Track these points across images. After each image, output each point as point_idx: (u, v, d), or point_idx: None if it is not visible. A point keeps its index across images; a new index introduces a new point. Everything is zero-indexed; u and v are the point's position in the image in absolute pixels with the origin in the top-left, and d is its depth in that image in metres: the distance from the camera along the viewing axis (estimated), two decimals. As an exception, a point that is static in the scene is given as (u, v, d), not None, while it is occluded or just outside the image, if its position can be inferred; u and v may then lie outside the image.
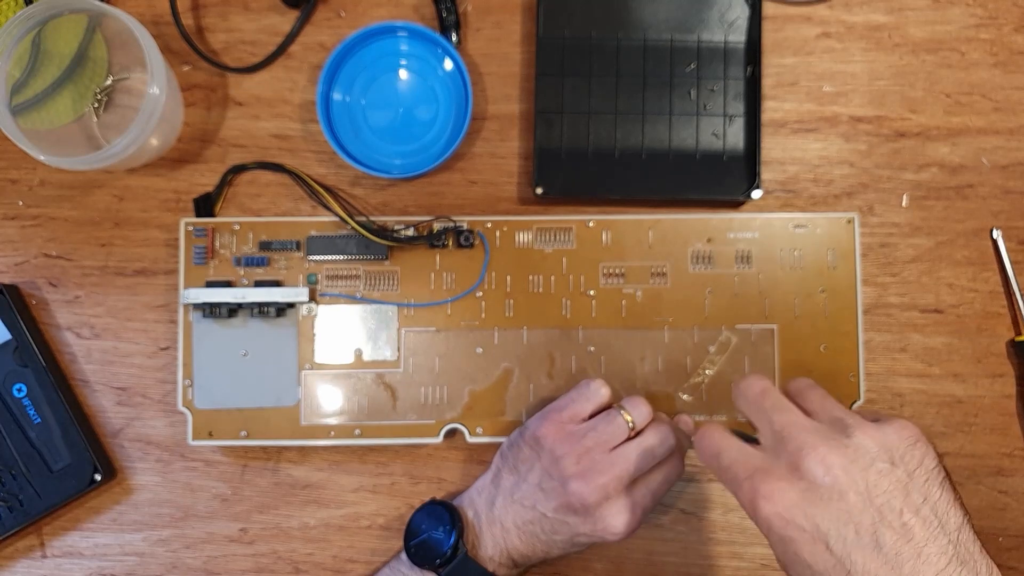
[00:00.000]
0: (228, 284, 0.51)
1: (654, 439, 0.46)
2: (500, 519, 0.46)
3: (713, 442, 0.39)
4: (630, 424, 0.46)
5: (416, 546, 0.47)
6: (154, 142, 0.52)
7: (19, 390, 0.51)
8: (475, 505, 0.47)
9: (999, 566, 0.52)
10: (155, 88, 0.48)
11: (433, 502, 0.48)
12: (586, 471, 0.44)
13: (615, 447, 0.45)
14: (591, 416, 0.47)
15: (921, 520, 0.33)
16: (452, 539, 0.45)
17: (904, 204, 0.54)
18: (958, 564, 0.33)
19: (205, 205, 0.53)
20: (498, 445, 0.53)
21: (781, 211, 0.54)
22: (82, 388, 0.53)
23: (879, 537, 0.33)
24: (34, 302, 0.54)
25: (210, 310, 0.51)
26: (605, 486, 0.44)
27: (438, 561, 0.45)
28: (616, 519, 0.44)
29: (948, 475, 0.35)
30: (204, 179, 0.54)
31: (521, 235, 0.52)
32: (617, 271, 0.52)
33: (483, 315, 0.52)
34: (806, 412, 0.39)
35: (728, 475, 0.38)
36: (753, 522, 0.36)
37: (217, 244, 0.52)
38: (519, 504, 0.46)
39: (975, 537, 0.34)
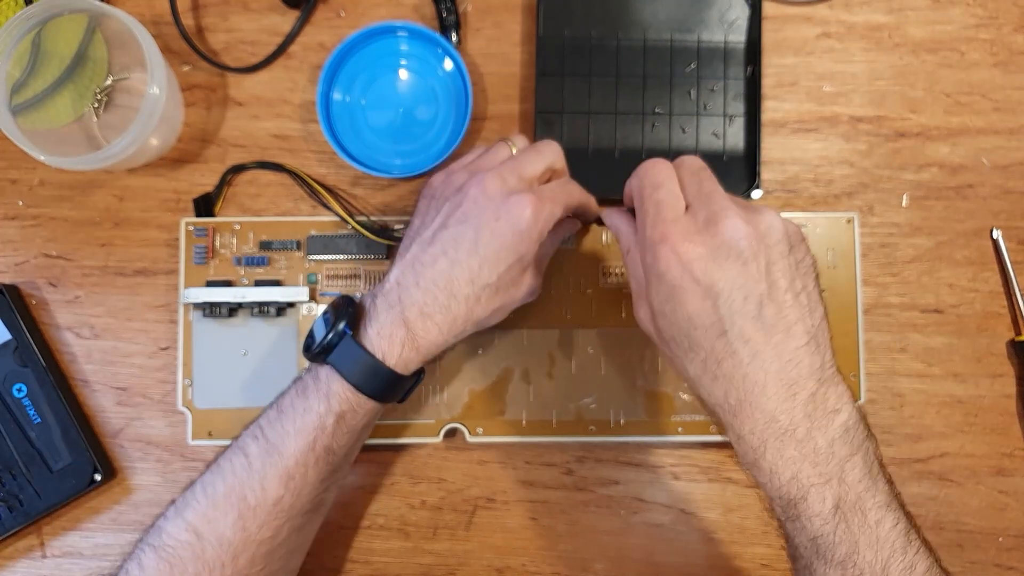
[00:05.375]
0: (228, 284, 0.51)
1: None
2: (397, 279, 0.42)
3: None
4: (512, 150, 0.46)
5: (306, 342, 0.43)
6: (154, 142, 0.52)
7: (19, 390, 0.51)
8: (373, 289, 0.44)
9: (998, 566, 0.52)
10: (155, 88, 0.48)
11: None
12: (479, 173, 0.43)
13: None
14: None
15: (798, 304, 0.37)
16: (333, 324, 0.41)
17: (904, 204, 0.54)
18: (814, 344, 0.37)
19: (205, 205, 0.53)
20: (499, 446, 0.53)
21: (781, 211, 0.53)
22: (82, 388, 0.53)
23: (762, 308, 0.36)
24: (34, 302, 0.54)
25: (210, 310, 0.51)
26: (500, 173, 0.42)
27: (318, 349, 0.41)
28: (521, 206, 0.41)
29: (818, 276, 0.39)
30: (204, 179, 0.54)
31: (521, 235, 0.52)
32: (617, 271, 0.52)
33: (483, 315, 0.52)
34: None
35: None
36: (646, 263, 0.38)
37: (217, 244, 0.52)
38: (417, 239, 0.43)
39: (827, 327, 0.38)
